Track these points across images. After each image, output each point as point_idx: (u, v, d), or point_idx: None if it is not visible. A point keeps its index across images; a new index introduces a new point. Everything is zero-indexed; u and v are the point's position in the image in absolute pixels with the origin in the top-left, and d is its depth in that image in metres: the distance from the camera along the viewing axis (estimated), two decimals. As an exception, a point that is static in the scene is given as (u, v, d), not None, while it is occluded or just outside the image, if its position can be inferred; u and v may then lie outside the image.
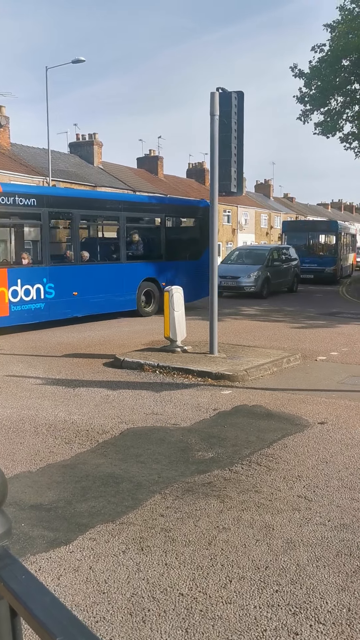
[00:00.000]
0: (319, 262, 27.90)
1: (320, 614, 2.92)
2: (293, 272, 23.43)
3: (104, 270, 14.40)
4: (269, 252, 22.33)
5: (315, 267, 27.60)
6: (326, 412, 6.56)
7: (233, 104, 9.05)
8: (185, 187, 50.87)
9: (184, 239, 17.57)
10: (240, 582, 3.19)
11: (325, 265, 27.83)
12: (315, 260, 28.01)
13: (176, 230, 17.81)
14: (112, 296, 14.30)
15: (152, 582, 3.19)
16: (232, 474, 4.74)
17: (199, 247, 16.94)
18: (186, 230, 18.13)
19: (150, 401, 7.01)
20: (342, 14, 24.36)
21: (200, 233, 17.17)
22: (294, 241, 28.95)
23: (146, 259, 15.64)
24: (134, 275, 14.96)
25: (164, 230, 16.23)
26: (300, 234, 29.81)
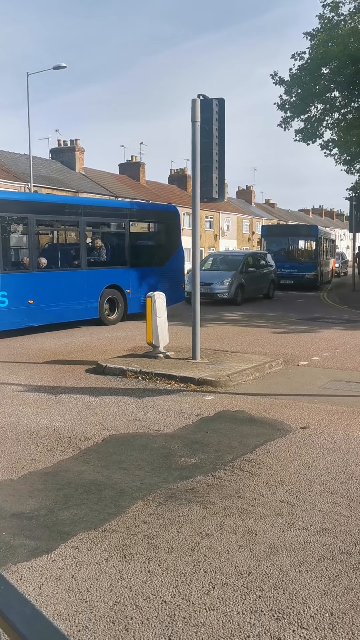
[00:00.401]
0: (299, 268, 27.60)
1: (303, 619, 2.92)
2: (269, 279, 23.05)
3: (63, 277, 13.83)
4: (243, 258, 21.88)
5: (295, 273, 27.31)
6: (308, 417, 6.59)
7: (214, 111, 9.10)
8: (167, 193, 50.95)
9: (150, 244, 17.16)
10: (223, 588, 3.19)
11: (305, 271, 27.52)
12: (295, 265, 27.69)
13: (141, 236, 17.38)
14: (72, 304, 13.70)
15: (134, 589, 3.18)
16: (215, 479, 4.74)
17: (165, 253, 16.65)
18: (152, 236, 17.73)
19: (133, 407, 6.99)
20: (322, 23, 24.65)
21: (166, 238, 16.88)
22: (274, 246, 28.58)
23: (109, 265, 15.15)
24: (96, 282, 14.41)
25: (128, 235, 15.69)
26: (280, 238, 29.48)
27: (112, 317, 14.93)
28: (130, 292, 15.25)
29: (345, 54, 22.82)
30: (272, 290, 23.34)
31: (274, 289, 23.53)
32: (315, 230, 29.93)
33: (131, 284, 15.27)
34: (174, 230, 17.17)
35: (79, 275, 14.09)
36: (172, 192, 52.35)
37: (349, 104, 26.48)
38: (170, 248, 16.97)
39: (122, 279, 15.16)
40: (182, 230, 17.58)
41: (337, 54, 22.97)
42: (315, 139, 26.48)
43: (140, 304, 15.26)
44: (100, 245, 15.11)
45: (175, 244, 17.12)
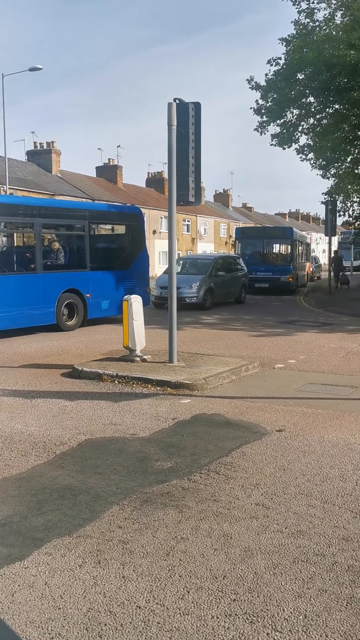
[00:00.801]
0: (274, 271, 27.17)
1: (277, 621, 2.93)
2: (240, 283, 22.58)
3: (17, 282, 13.19)
4: (212, 261, 21.31)
5: (270, 276, 26.96)
6: (284, 420, 6.62)
7: (190, 115, 9.13)
8: (145, 196, 50.96)
9: (112, 247, 16.76)
10: (198, 593, 3.18)
11: (280, 274, 27.05)
12: (270, 268, 27.35)
13: (103, 238, 16.97)
14: (27, 309, 13.10)
15: (109, 595, 3.15)
16: (191, 483, 4.73)
17: (128, 256, 16.18)
18: (114, 238, 17.23)
19: (109, 411, 6.95)
20: (297, 29, 24.89)
21: (130, 241, 16.41)
22: (248, 249, 28.33)
23: (67, 268, 14.59)
24: (52, 286, 13.81)
25: (88, 237, 15.04)
26: (255, 241, 29.06)
27: (70, 322, 14.34)
28: (90, 296, 14.73)
29: (320, 60, 23.08)
30: (244, 295, 22.95)
31: (245, 293, 23.11)
32: (290, 232, 29.36)
33: (91, 288, 14.76)
34: (138, 233, 16.72)
35: (34, 279, 13.50)
36: (150, 195, 52.37)
37: (324, 110, 26.78)
38: (134, 251, 16.50)
39: (82, 283, 14.60)
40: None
41: (312, 59, 23.21)
42: (291, 143, 26.70)
43: (102, 308, 15.03)
44: (57, 247, 14.57)
45: (139, 246, 16.68)
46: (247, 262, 27.19)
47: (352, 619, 2.95)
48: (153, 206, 49.01)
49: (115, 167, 49.20)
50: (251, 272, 26.28)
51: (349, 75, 24.22)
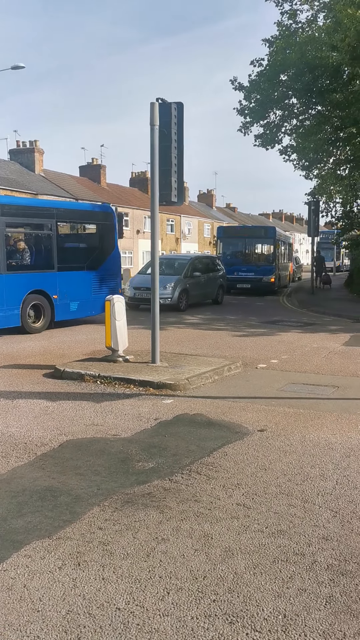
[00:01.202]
0: (256, 271, 26.84)
1: (257, 621, 2.93)
2: (217, 283, 22.06)
3: None
4: (189, 261, 20.61)
5: (252, 276, 26.61)
6: (266, 420, 6.65)
7: (173, 115, 9.13)
8: (129, 196, 50.86)
9: (82, 246, 16.24)
10: (177, 594, 3.17)
11: (262, 274, 26.71)
12: (252, 268, 26.97)
13: (72, 237, 16.36)
14: None
15: (88, 597, 3.14)
16: (172, 483, 4.73)
17: (99, 256, 15.70)
18: (84, 237, 16.75)
19: (91, 412, 6.92)
20: (280, 30, 24.99)
21: (100, 240, 15.88)
22: (230, 248, 28.03)
23: (33, 269, 13.98)
24: (17, 288, 13.23)
25: (56, 236, 14.47)
26: (236, 240, 28.58)
27: (37, 324, 13.79)
28: (58, 298, 14.21)
29: (302, 61, 23.19)
30: (221, 296, 22.47)
31: (223, 294, 22.68)
32: (273, 232, 28.94)
33: (59, 290, 14.22)
34: (109, 232, 16.15)
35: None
36: (133, 195, 52.28)
37: (307, 111, 26.91)
38: (105, 251, 15.97)
39: (49, 284, 14.06)
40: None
41: (294, 61, 23.31)
42: (274, 144, 26.80)
43: (70, 310, 14.56)
44: (23, 247, 13.95)
45: (110, 246, 16.15)
46: (229, 262, 26.88)
47: (331, 618, 2.96)
48: (137, 206, 48.94)
49: (98, 166, 49.01)
50: (233, 273, 26.02)
51: (331, 77, 24.37)
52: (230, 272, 25.84)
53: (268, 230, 29.80)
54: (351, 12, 19.84)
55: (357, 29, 20.01)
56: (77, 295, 14.82)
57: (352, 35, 20.18)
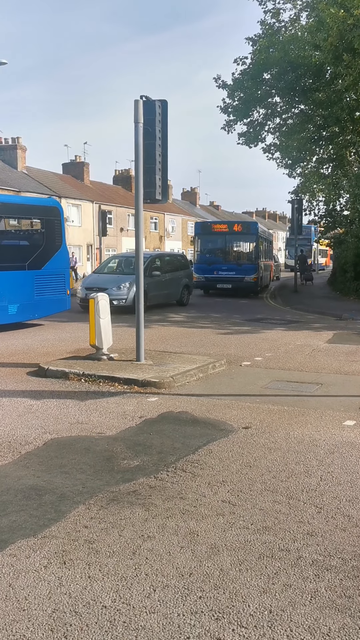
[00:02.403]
0: (238, 270, 25.11)
1: (243, 617, 2.95)
2: (182, 283, 20.69)
3: None
4: (147, 260, 18.55)
5: (233, 276, 25.01)
6: (250, 417, 6.67)
7: (157, 112, 9.11)
8: (112, 194, 50.71)
9: (23, 244, 14.86)
10: (164, 591, 3.18)
11: (244, 274, 25.01)
12: (233, 267, 25.25)
13: (11, 234, 15.10)
14: None
15: (74, 596, 3.13)
16: (158, 481, 4.73)
17: (43, 254, 14.50)
18: (26, 234, 15.37)
19: (75, 410, 6.90)
20: (263, 29, 25.05)
21: (45, 237, 14.71)
22: (209, 246, 26.41)
23: None
24: None
25: None
26: (216, 237, 26.53)
27: None
28: None
29: (285, 60, 23.28)
30: (187, 297, 21.16)
31: (188, 294, 21.37)
32: (255, 227, 26.91)
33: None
34: (55, 228, 15.02)
35: None
36: (117, 192, 52.13)
37: (290, 110, 27.03)
38: (50, 249, 14.75)
39: None
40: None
41: (278, 60, 23.39)
42: (257, 142, 26.89)
43: (9, 313, 13.49)
44: None
45: (56, 244, 14.94)
46: (208, 260, 25.67)
47: (316, 613, 2.99)
48: (120, 204, 48.81)
49: (82, 164, 48.77)
50: (212, 272, 25.18)
51: (314, 76, 24.50)
52: (209, 271, 25.19)
53: (250, 225, 27.58)
54: (334, 11, 19.96)
55: (340, 28, 20.14)
56: (17, 297, 13.63)
57: (334, 34, 20.31)
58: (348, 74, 21.11)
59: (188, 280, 21.55)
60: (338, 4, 20.60)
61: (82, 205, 43.71)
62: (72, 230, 42.70)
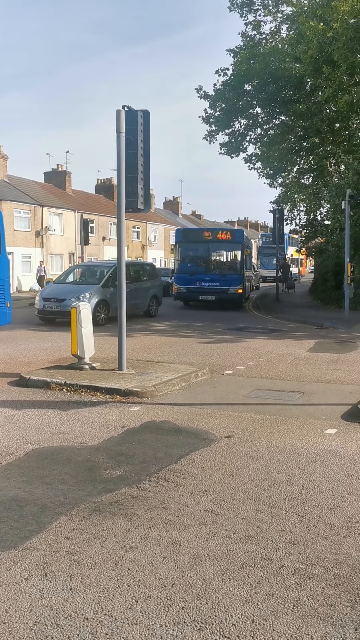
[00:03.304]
0: (222, 281, 23.48)
1: (225, 627, 2.94)
2: (149, 294, 19.80)
3: None
4: (111, 269, 17.83)
5: (217, 287, 23.37)
6: (233, 426, 6.68)
7: (139, 122, 9.15)
8: (94, 203, 50.68)
9: None
10: (146, 602, 3.16)
11: (229, 285, 23.38)
12: (216, 278, 23.58)
13: None
14: None
15: (55, 608, 3.10)
16: (140, 491, 4.71)
17: None
18: None
19: (57, 420, 6.85)
20: (244, 40, 25.34)
21: None
22: (190, 254, 24.65)
23: None
24: None
25: None
26: (198, 245, 24.71)
27: None
28: None
29: (266, 71, 23.56)
30: (155, 308, 20.24)
31: (157, 305, 20.41)
32: (240, 235, 25.32)
33: None
34: None
35: None
36: (99, 201, 52.11)
37: (271, 121, 27.33)
38: None
39: None
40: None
41: (259, 71, 23.67)
42: (239, 152, 27.14)
43: None
44: None
45: None
46: (189, 270, 23.92)
47: (298, 622, 2.99)
48: (102, 213, 48.79)
49: (64, 173, 48.70)
50: (194, 282, 23.51)
51: (295, 87, 24.82)
52: (191, 281, 23.61)
53: (235, 233, 25.71)
54: (313, 24, 20.26)
55: (319, 41, 20.45)
56: None
57: (314, 47, 20.61)
58: (328, 86, 21.43)
59: (156, 291, 20.51)
60: (318, 17, 20.92)
61: (64, 214, 43.61)
62: (54, 239, 42.55)
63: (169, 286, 31.97)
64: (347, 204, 18.74)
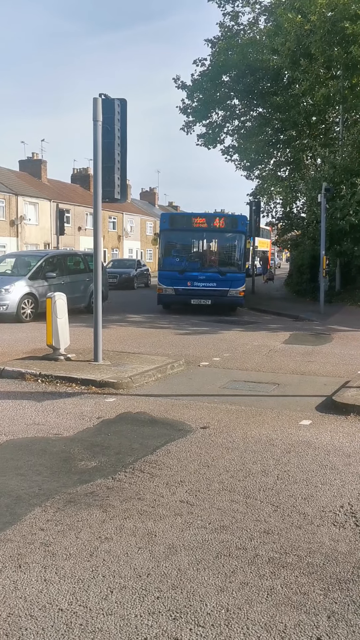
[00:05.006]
0: (220, 281, 18.28)
1: (200, 616, 2.96)
2: (91, 287, 17.02)
3: None
4: (42, 259, 16.54)
5: (214, 288, 18.19)
6: (208, 417, 6.71)
7: (116, 111, 9.07)
8: (70, 192, 50.21)
9: None
10: (121, 592, 3.16)
11: (229, 285, 18.30)
12: (213, 276, 18.35)
13: None
14: None
15: (29, 599, 3.08)
16: (115, 482, 4.70)
17: None
18: None
19: (32, 411, 6.80)
20: (222, 31, 25.25)
21: None
22: (178, 246, 19.49)
23: None
24: None
25: None
26: (189, 234, 19.24)
27: None
28: None
29: (244, 63, 23.53)
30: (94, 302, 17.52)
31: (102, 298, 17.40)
32: (243, 222, 19.48)
33: None
34: None
35: None
36: (75, 191, 51.65)
37: (248, 112, 27.33)
38: None
39: None
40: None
41: (236, 62, 23.63)
42: (216, 144, 27.10)
43: None
44: None
45: None
46: (177, 266, 18.74)
47: (272, 610, 3.02)
48: (79, 202, 48.38)
49: (39, 161, 48.16)
50: (184, 283, 18.36)
51: (272, 80, 24.82)
52: (180, 281, 18.34)
53: (237, 220, 19.56)
54: (291, 16, 20.26)
55: (297, 33, 20.47)
56: None
57: (292, 39, 20.63)
58: (305, 79, 21.49)
59: None
60: (295, 9, 20.93)
61: (39, 204, 43.14)
62: (30, 228, 42.09)
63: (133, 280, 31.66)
64: (323, 197, 18.86)
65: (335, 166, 21.70)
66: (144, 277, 35.05)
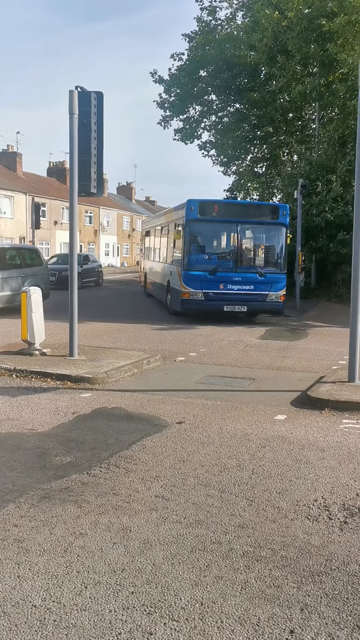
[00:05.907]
0: (258, 283, 15.23)
1: (174, 611, 2.96)
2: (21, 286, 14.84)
3: None
4: None
5: (251, 292, 15.19)
6: (184, 412, 6.71)
7: (92, 104, 9.00)
8: (46, 186, 49.76)
9: None
10: (95, 588, 3.15)
11: (268, 289, 15.30)
12: (250, 278, 15.27)
13: None
14: None
15: (2, 596, 3.05)
16: (91, 477, 4.68)
17: None
18: None
19: (6, 406, 6.73)
20: (200, 26, 25.20)
21: None
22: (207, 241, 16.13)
23: None
24: None
25: None
26: (220, 227, 16.01)
27: None
28: None
29: (221, 58, 23.53)
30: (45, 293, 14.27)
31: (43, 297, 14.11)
32: (285, 213, 15.70)
33: None
34: None
35: None
36: (51, 185, 51.19)
37: (225, 108, 27.36)
38: None
39: None
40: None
41: (214, 58, 23.62)
42: (193, 139, 27.09)
43: None
44: None
45: None
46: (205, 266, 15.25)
47: (246, 604, 3.04)
48: (54, 196, 47.97)
49: (14, 154, 47.59)
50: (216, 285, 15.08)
51: (249, 75, 24.86)
52: (211, 283, 15.08)
53: (278, 209, 16.06)
54: (269, 12, 20.32)
55: (274, 30, 20.53)
56: None
57: (269, 36, 20.69)
58: (282, 76, 21.57)
59: (40, 280, 15.96)
60: (273, 5, 20.99)
61: (14, 197, 42.65)
62: (4, 222, 41.60)
63: None
64: (299, 193, 18.98)
65: (312, 163, 21.85)
66: (94, 274, 30.06)
